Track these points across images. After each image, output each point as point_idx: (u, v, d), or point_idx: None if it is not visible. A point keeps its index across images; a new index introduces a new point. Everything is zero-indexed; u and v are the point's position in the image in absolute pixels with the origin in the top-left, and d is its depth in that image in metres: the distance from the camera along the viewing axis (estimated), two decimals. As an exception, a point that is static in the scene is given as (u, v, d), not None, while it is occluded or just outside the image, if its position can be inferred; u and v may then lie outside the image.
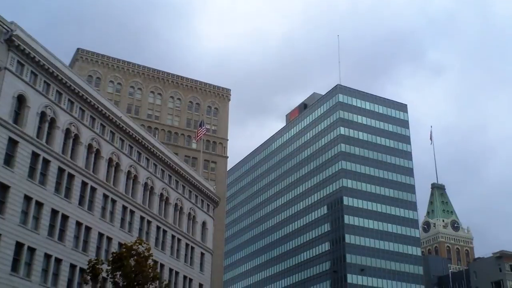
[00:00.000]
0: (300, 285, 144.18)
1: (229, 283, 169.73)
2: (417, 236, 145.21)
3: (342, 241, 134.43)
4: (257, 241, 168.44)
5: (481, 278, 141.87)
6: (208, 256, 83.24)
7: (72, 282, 54.57)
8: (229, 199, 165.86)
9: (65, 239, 54.62)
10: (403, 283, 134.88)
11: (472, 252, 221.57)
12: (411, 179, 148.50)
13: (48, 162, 54.02)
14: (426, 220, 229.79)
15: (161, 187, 74.13)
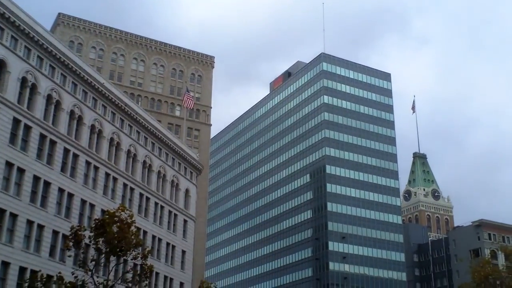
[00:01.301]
0: (282, 252, 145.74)
1: (212, 250, 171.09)
2: (398, 205, 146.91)
3: (324, 209, 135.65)
4: (240, 208, 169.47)
5: (460, 246, 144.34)
6: (191, 223, 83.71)
7: (54, 248, 54.73)
8: (212, 167, 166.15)
9: (47, 206, 54.58)
10: (383, 250, 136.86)
11: (451, 221, 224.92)
12: (393, 148, 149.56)
13: (29, 128, 53.60)
14: (407, 189, 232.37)
15: (144, 155, 74.03)
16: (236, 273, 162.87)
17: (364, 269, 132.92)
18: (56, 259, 54.09)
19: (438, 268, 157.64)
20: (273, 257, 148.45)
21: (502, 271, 68.06)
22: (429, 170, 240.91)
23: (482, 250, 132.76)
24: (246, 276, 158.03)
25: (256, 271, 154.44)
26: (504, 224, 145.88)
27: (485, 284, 63.45)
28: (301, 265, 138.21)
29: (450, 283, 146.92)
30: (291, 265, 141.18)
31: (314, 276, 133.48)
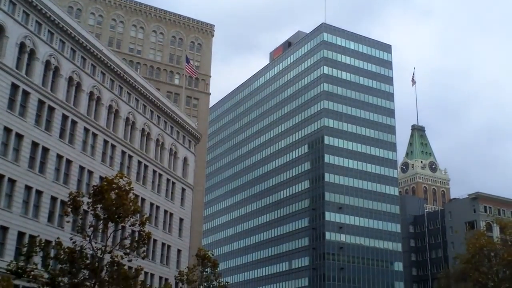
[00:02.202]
0: (279, 222, 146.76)
1: (210, 218, 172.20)
2: (395, 176, 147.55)
3: (322, 179, 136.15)
4: (238, 178, 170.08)
5: (456, 218, 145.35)
6: (189, 191, 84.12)
7: (53, 214, 55.11)
8: (210, 136, 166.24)
9: (46, 172, 54.77)
10: (379, 221, 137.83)
11: (448, 193, 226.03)
12: (392, 120, 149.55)
13: (28, 94, 53.48)
14: (405, 161, 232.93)
15: (143, 122, 74.03)
16: (233, 242, 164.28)
17: (360, 239, 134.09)
18: (54, 225, 54.49)
19: (433, 239, 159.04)
20: (270, 226, 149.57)
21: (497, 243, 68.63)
22: (427, 143, 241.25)
23: (478, 223, 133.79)
24: (243, 245, 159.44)
25: (253, 239, 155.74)
26: (500, 197, 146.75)
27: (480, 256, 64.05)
28: (297, 235, 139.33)
29: (445, 254, 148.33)
30: (288, 234, 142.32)
31: (310, 245, 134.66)
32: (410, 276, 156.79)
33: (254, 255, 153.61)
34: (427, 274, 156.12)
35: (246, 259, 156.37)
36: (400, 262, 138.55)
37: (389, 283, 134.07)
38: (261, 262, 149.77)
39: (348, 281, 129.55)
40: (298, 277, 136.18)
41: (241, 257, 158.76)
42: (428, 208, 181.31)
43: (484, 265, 64.17)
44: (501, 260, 62.90)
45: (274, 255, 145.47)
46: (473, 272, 62.50)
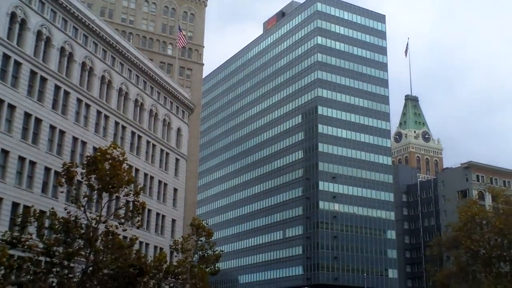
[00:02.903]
0: (273, 191, 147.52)
1: (204, 188, 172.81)
2: (388, 146, 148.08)
3: (315, 149, 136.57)
4: (232, 148, 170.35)
5: (448, 187, 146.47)
6: (183, 162, 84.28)
7: (47, 185, 55.23)
8: (204, 106, 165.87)
9: (38, 143, 54.71)
10: (372, 190, 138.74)
11: (441, 163, 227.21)
12: (386, 90, 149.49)
13: (19, 64, 53.13)
14: (398, 130, 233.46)
15: (136, 93, 73.79)
16: (227, 211, 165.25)
17: (353, 208, 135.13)
18: (48, 195, 54.65)
19: (426, 208, 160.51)
20: (264, 196, 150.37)
21: (489, 211, 69.32)
22: (421, 113, 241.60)
23: (470, 191, 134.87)
24: (237, 214, 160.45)
25: (247, 209, 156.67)
26: (492, 166, 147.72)
27: (472, 224, 64.68)
28: (291, 204, 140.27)
29: (437, 222, 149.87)
30: (282, 204, 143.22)
31: (304, 214, 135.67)
32: (403, 244, 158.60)
33: (248, 224, 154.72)
34: (420, 242, 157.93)
35: (240, 228, 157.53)
36: (393, 231, 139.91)
37: (382, 251, 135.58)
38: (255, 231, 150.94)
39: (341, 250, 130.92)
40: (292, 246, 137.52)
41: (235, 226, 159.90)
42: (421, 177, 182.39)
43: (476, 232, 64.86)
44: (493, 228, 63.56)
45: (268, 224, 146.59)
46: (465, 239, 63.14)
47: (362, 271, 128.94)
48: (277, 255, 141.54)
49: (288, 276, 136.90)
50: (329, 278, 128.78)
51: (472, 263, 66.00)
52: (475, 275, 66.38)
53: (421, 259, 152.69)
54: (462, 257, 65.87)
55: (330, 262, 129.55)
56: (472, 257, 65.48)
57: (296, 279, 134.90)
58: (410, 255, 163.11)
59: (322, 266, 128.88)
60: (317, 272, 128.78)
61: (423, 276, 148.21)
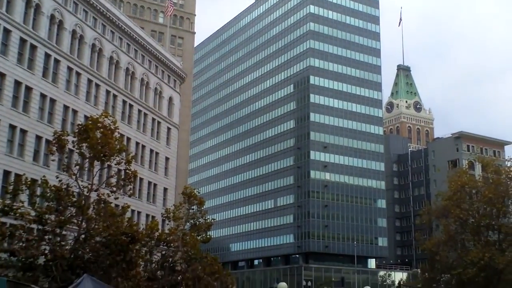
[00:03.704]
0: (264, 161, 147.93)
1: (195, 158, 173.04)
2: (380, 116, 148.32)
3: (307, 119, 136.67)
4: (223, 117, 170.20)
5: (439, 157, 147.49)
6: (175, 131, 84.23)
7: (38, 153, 55.16)
8: (196, 75, 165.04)
9: (29, 111, 54.46)
10: (364, 160, 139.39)
11: (432, 133, 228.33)
12: (378, 60, 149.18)
13: (9, 32, 52.55)
14: (390, 100, 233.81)
15: (127, 62, 73.29)
16: (218, 180, 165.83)
17: (344, 177, 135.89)
18: (40, 164, 54.63)
19: (416, 177, 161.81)
20: (256, 165, 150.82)
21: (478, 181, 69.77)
22: (412, 83, 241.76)
23: (460, 161, 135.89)
24: (228, 183, 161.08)
25: (238, 178, 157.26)
26: (483, 136, 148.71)
27: (461, 193, 65.12)
28: (282, 173, 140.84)
29: (427, 192, 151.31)
30: (273, 173, 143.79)
31: (295, 183, 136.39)
32: (393, 213, 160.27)
33: (240, 193, 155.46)
34: (410, 211, 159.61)
35: (232, 197, 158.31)
36: (383, 200, 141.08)
37: (372, 220, 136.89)
38: (247, 200, 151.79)
39: (332, 218, 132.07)
40: (283, 215, 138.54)
41: (227, 195, 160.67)
42: (412, 147, 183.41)
43: (465, 202, 65.37)
44: (482, 197, 64.07)
45: (259, 193, 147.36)
46: (454, 208, 63.65)
47: (352, 239, 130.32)
48: (269, 224, 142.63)
49: (279, 244, 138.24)
50: (319, 246, 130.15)
51: (461, 232, 66.69)
52: (464, 244, 67.14)
53: (410, 228, 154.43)
54: (451, 226, 66.49)
55: (321, 231, 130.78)
56: (461, 226, 66.15)
57: (287, 247, 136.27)
58: (400, 223, 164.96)
59: (313, 235, 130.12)
60: (308, 241, 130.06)
61: (412, 244, 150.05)
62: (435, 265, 67.16)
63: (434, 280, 66.13)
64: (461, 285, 62.78)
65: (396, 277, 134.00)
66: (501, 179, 64.68)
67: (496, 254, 59.96)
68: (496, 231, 65.22)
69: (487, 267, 59.40)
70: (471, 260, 59.60)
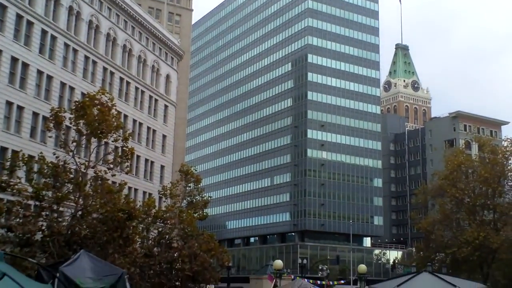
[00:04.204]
0: (261, 139, 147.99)
1: (193, 136, 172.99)
2: (377, 95, 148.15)
3: (305, 97, 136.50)
4: (221, 95, 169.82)
5: (436, 136, 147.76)
6: (172, 108, 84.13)
7: (35, 130, 55.14)
8: (193, 53, 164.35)
9: (26, 87, 54.32)
10: (361, 139, 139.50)
11: (429, 112, 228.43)
12: (376, 39, 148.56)
13: (5, 7, 52.19)
14: (388, 79, 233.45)
15: (124, 38, 72.92)
16: (216, 158, 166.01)
17: (341, 156, 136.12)
18: (37, 140, 54.64)
19: (413, 157, 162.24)
20: (253, 144, 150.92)
21: (475, 161, 70.01)
22: (410, 62, 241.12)
23: (457, 141, 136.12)
24: (225, 161, 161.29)
25: (235, 156, 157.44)
26: (480, 116, 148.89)
27: (457, 173, 65.42)
28: (280, 152, 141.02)
29: (423, 171, 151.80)
30: (270, 151, 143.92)
31: (292, 162, 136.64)
32: (389, 192, 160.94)
33: (236, 171, 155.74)
34: (406, 190, 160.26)
35: (229, 175, 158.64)
36: (379, 179, 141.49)
37: (368, 199, 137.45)
38: (244, 178, 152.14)
39: (328, 197, 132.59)
40: (279, 193, 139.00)
41: (224, 173, 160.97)
42: (409, 126, 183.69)
43: (461, 181, 65.66)
44: (478, 177, 64.37)
45: (256, 172, 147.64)
46: (450, 188, 63.95)
47: (348, 218, 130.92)
48: (265, 202, 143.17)
49: (276, 222, 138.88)
50: (315, 225, 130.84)
51: (457, 211, 67.12)
52: (459, 223, 67.64)
53: (406, 207, 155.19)
54: (446, 205, 66.86)
55: (317, 209, 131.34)
56: (456, 205, 66.54)
57: (283, 225, 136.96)
58: (395, 202, 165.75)
59: (309, 213, 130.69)
60: (304, 219, 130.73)
61: (407, 223, 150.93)
62: (430, 244, 67.71)
63: (428, 259, 66.66)
64: (456, 264, 63.33)
65: (391, 256, 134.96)
66: (497, 159, 64.90)
67: (491, 233, 60.42)
68: (492, 211, 65.66)
69: (481, 246, 59.88)
70: (466, 239, 60.05)
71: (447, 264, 65.50)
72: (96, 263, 19.94)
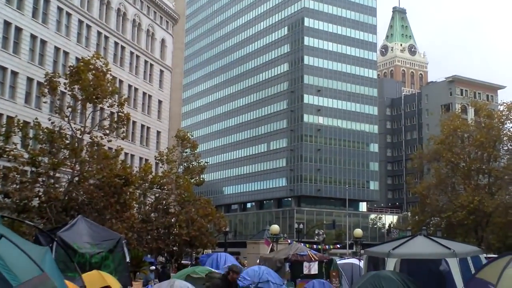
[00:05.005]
0: (258, 104, 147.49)
1: (189, 101, 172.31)
2: (374, 59, 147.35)
3: (301, 62, 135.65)
4: (217, 60, 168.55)
5: (432, 101, 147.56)
6: (167, 73, 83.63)
7: (30, 95, 54.83)
8: (188, 17, 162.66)
9: (20, 52, 53.79)
10: (357, 104, 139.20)
11: (426, 77, 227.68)
12: (373, 2, 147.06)
13: (-4, -30, 51.38)
14: (385, 43, 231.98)
15: (118, 2, 72.01)
16: (212, 124, 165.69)
17: (338, 121, 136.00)
18: (32, 106, 54.37)
19: (409, 121, 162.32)
20: (249, 109, 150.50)
21: (471, 125, 69.94)
22: (408, 26, 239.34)
23: (453, 105, 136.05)
24: (222, 127, 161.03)
25: (232, 122, 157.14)
26: (477, 80, 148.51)
27: (453, 137, 65.37)
28: (276, 117, 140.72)
29: (419, 136, 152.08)
30: (267, 116, 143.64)
31: (288, 127, 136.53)
32: (385, 157, 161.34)
33: (233, 137, 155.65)
34: (402, 155, 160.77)
35: (225, 140, 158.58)
36: (375, 144, 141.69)
37: (364, 164, 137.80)
38: (240, 144, 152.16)
39: (324, 162, 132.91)
40: (275, 158, 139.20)
41: (220, 139, 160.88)
42: (406, 91, 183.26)
43: (457, 146, 65.63)
44: (474, 141, 64.35)
45: (252, 137, 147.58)
46: (446, 152, 63.97)
47: (344, 183, 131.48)
48: (261, 167, 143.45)
49: (272, 188, 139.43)
50: (312, 190, 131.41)
51: (452, 176, 67.29)
52: (454, 187, 67.86)
53: (402, 172, 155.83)
54: (442, 170, 67.01)
55: (313, 174, 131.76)
56: (452, 170, 66.70)
57: (279, 190, 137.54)
58: (391, 167, 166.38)
59: (305, 178, 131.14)
60: (300, 184, 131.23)
61: (403, 188, 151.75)
62: (425, 208, 68.05)
63: (423, 223, 67.08)
64: (450, 227, 63.78)
65: (386, 220, 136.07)
66: (493, 123, 64.84)
67: (485, 197, 60.71)
68: (487, 175, 65.87)
69: (476, 210, 60.22)
70: (461, 203, 60.35)
71: (442, 228, 65.95)
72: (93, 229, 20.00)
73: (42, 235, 18.78)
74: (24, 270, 5.31)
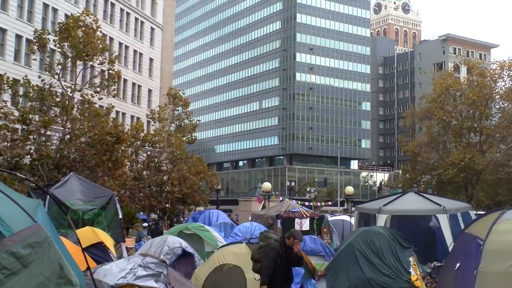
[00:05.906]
0: (250, 63, 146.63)
1: (180, 59, 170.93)
2: (367, 18, 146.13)
3: (293, 20, 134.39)
4: (209, 18, 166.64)
5: (425, 59, 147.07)
6: (158, 31, 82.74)
7: (19, 53, 54.22)
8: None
9: (8, 9, 52.95)
10: (349, 62, 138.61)
11: (419, 35, 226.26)
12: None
13: None
14: (378, 1, 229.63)
15: (107, -43, 70.69)
16: (204, 82, 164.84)
17: (330, 80, 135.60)
18: (21, 63, 53.81)
19: (401, 80, 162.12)
20: (241, 67, 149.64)
21: (463, 84, 69.94)
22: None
23: (446, 64, 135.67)
24: (214, 85, 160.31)
25: (223, 80, 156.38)
26: (470, 39, 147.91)
27: (445, 95, 65.45)
28: (268, 75, 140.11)
29: (412, 94, 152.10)
30: (259, 75, 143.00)
31: (280, 86, 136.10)
32: (377, 115, 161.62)
33: (225, 95, 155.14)
34: (394, 113, 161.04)
35: (217, 99, 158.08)
36: (368, 102, 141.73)
37: (356, 122, 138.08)
38: (232, 102, 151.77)
39: (316, 120, 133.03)
40: (268, 117, 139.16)
41: (212, 97, 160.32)
42: (399, 49, 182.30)
43: (449, 104, 65.77)
44: (466, 100, 64.44)
45: (244, 95, 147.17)
46: (437, 110, 64.12)
47: (336, 141, 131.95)
48: (254, 126, 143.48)
49: (264, 146, 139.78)
50: (303, 148, 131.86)
51: (443, 134, 67.64)
52: (446, 145, 68.27)
53: (394, 130, 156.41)
54: (434, 128, 67.28)
55: (305, 133, 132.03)
56: (443, 128, 66.99)
57: (271, 148, 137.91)
58: (383, 126, 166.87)
59: (297, 136, 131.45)
60: (292, 142, 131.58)
61: (395, 146, 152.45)
62: (416, 166, 68.58)
63: (414, 180, 67.64)
64: (441, 185, 64.40)
65: (378, 178, 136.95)
66: (485, 82, 64.88)
67: (476, 155, 61.16)
68: (478, 133, 66.23)
69: (467, 168, 60.75)
70: (452, 161, 60.82)
71: (432, 185, 66.59)
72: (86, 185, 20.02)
73: (34, 192, 18.81)
74: (17, 221, 5.32)
